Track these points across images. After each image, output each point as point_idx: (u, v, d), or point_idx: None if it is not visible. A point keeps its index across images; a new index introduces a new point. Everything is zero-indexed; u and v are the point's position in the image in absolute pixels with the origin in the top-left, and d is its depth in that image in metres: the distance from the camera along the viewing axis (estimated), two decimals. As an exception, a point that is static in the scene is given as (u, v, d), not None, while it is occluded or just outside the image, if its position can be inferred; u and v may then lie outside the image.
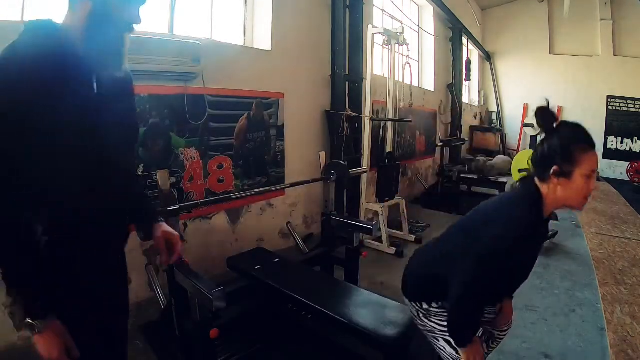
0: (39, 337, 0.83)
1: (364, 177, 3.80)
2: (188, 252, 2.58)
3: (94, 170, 0.90)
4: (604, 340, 2.17)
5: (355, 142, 3.89)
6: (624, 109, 8.70)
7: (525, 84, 9.51)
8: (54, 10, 2.18)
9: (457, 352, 1.22)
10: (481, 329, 1.25)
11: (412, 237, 3.97)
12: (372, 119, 3.85)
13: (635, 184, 7.83)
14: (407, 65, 4.27)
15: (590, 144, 1.07)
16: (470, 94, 9.58)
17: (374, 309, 1.72)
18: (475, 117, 9.87)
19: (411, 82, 4.51)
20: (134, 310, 2.40)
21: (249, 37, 3.34)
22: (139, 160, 2.43)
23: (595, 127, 8.45)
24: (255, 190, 2.48)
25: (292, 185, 2.70)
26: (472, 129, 9.46)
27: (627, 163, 8.48)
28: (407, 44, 4.06)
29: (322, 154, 2.62)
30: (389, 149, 4.07)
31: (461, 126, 7.64)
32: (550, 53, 9.15)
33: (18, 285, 0.83)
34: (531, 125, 4.25)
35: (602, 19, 8.34)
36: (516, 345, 2.15)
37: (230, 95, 2.92)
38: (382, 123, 4.38)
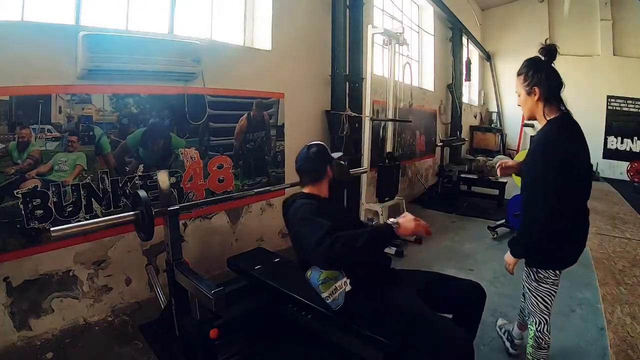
0: (400, 228, 1.39)
1: (364, 177, 3.80)
2: (188, 252, 2.59)
3: None
4: (604, 340, 2.18)
5: (355, 142, 3.89)
6: (624, 109, 8.70)
7: (526, 84, 9.49)
8: (56, 10, 2.18)
9: None
10: None
11: (412, 237, 3.96)
12: (372, 119, 3.85)
13: (636, 183, 7.83)
14: (407, 65, 4.27)
15: None
16: (470, 94, 9.58)
17: (374, 309, 1.71)
18: (475, 117, 9.88)
19: (411, 82, 4.50)
20: (134, 310, 2.42)
21: (249, 37, 3.34)
22: (139, 161, 2.44)
23: (596, 127, 8.46)
24: (255, 190, 2.47)
25: (292, 185, 2.69)
26: (472, 129, 9.47)
27: (627, 163, 8.50)
28: (407, 44, 4.06)
29: (322, 154, 2.61)
30: (389, 149, 4.07)
31: (461, 126, 7.63)
32: (550, 53, 9.16)
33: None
34: (531, 126, 4.24)
35: (602, 19, 8.34)
36: (516, 345, 2.15)
37: (230, 95, 2.92)
38: (382, 123, 4.38)
